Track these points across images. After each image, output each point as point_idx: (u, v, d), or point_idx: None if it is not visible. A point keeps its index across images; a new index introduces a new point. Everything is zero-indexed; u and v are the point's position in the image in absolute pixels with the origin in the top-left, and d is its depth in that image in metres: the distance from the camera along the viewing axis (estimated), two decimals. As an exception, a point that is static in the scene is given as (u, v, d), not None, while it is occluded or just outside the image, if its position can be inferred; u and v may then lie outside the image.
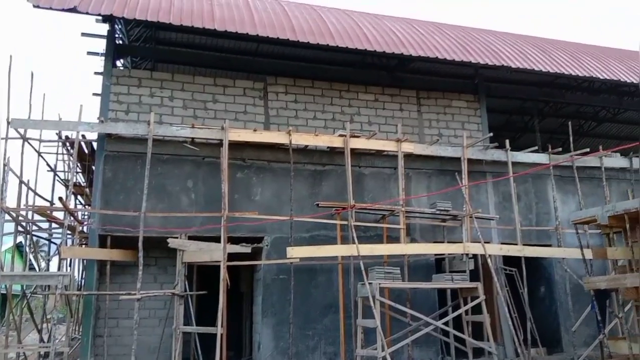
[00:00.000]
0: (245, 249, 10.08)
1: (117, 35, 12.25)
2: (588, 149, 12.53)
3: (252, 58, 12.90)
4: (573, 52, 14.51)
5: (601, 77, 13.57)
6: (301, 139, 10.84)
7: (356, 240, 9.88)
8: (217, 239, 9.75)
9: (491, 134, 12.46)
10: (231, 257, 9.84)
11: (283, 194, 10.71)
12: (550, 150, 12.54)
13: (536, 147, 12.96)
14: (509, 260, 11.78)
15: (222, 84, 11.65)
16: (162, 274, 10.94)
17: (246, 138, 10.51)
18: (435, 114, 13.05)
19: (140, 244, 9.28)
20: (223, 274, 9.40)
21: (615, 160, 13.23)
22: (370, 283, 9.25)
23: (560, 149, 12.56)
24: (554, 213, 12.17)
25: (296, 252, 9.82)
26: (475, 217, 11.08)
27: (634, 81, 13.98)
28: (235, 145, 10.44)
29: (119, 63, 13.06)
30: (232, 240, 10.07)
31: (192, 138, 10.42)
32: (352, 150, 11.00)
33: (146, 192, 9.55)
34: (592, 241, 11.43)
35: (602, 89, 16.86)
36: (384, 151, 11.51)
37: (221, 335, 9.17)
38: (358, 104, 12.43)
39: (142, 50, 13.12)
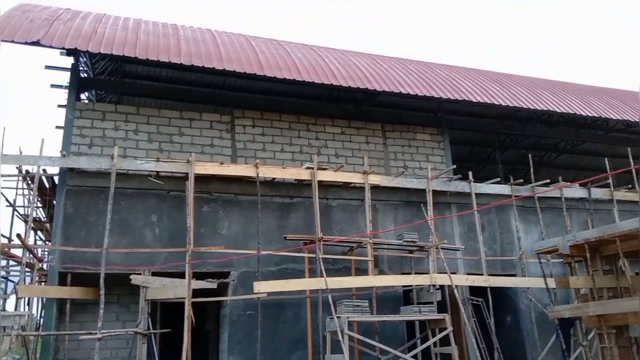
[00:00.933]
0: (211, 284, 9.89)
1: (81, 68, 12.14)
2: (548, 180, 12.92)
3: (219, 91, 12.97)
4: (531, 86, 15.07)
5: (558, 111, 14.11)
6: (269, 172, 10.84)
7: (324, 274, 9.83)
8: (182, 275, 9.56)
9: (454, 166, 12.73)
10: (196, 293, 9.63)
11: (250, 227, 10.63)
12: (512, 181, 12.86)
13: (498, 179, 13.27)
14: (475, 291, 11.90)
15: (189, 117, 11.61)
16: (124, 312, 10.60)
17: (213, 171, 10.45)
18: (401, 146, 13.28)
19: (101, 282, 9.01)
20: (188, 311, 9.18)
21: (574, 191, 13.65)
22: (338, 317, 9.18)
23: (521, 180, 12.90)
24: (518, 243, 12.42)
25: (263, 287, 9.68)
26: (442, 248, 11.20)
27: (589, 114, 14.59)
28: (201, 179, 10.36)
29: (83, 96, 12.92)
30: (198, 275, 9.89)
31: (157, 172, 10.29)
32: (320, 182, 11.05)
33: (108, 228, 9.33)
34: (555, 270, 11.66)
35: (560, 122, 17.51)
36: (351, 183, 11.61)
37: (186, 374, 8.88)
38: (325, 136, 12.55)
39: (106, 84, 13.02)
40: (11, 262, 12.17)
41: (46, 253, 12.45)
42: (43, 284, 10.79)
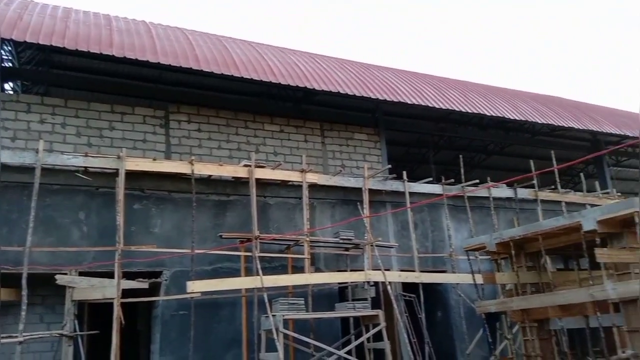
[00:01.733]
0: (142, 284, 9.60)
1: (5, 57, 11.47)
2: (478, 180, 13.45)
3: (154, 85, 12.62)
4: (463, 90, 15.66)
5: (488, 114, 14.75)
6: (205, 169, 10.64)
7: (260, 272, 9.77)
8: (111, 275, 9.22)
9: (390, 166, 13.04)
10: (127, 293, 9.32)
11: (184, 225, 10.39)
12: (443, 181, 13.29)
13: (431, 178, 13.69)
14: (408, 287, 12.21)
15: (120, 110, 11.22)
16: (49, 313, 10.07)
17: (145, 167, 10.12)
18: (339, 145, 13.44)
19: (23, 282, 8.52)
20: (117, 311, 8.87)
21: (502, 191, 14.30)
22: (274, 315, 9.16)
23: (452, 180, 13.37)
24: (448, 240, 12.87)
25: (197, 287, 9.51)
26: (376, 246, 11.42)
27: (517, 118, 15.34)
28: (133, 175, 10.01)
29: (7, 86, 12.22)
30: (128, 275, 9.57)
31: (86, 167, 9.86)
32: (258, 180, 10.96)
33: (32, 226, 8.84)
34: (483, 267, 12.15)
35: (490, 125, 18.31)
36: (289, 181, 11.60)
37: (114, 377, 8.58)
38: (263, 134, 12.49)
39: (33, 74, 12.36)
40: None
41: (-38, 253, 11.66)
42: (-42, 285, 10.07)
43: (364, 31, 69.14)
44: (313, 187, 11.69)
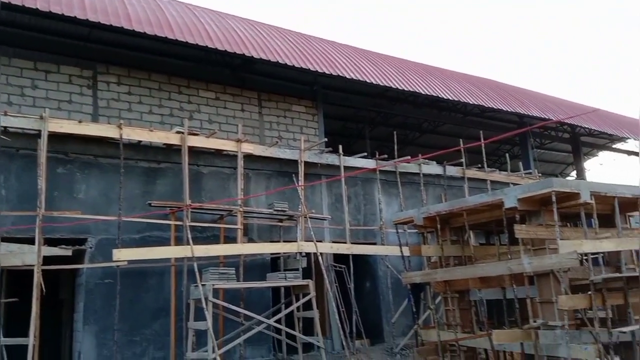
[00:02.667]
0: (65, 251, 9.22)
1: None
2: (409, 157, 13.80)
3: (82, 43, 11.89)
4: (400, 67, 15.88)
5: (423, 93, 15.09)
6: (134, 134, 10.24)
7: (191, 241, 9.63)
8: (32, 241, 8.78)
9: (326, 139, 13.11)
10: (49, 260, 8.93)
11: (112, 192, 10.01)
12: (377, 156, 13.54)
13: (365, 153, 13.91)
14: (339, 258, 12.47)
15: (44, 68, 10.56)
16: (-39, 281, 9.51)
17: (70, 130, 9.61)
18: (276, 116, 13.33)
19: None
20: (37, 279, 8.49)
21: (431, 168, 14.78)
22: (203, 284, 9.09)
23: (386, 156, 13.64)
24: (379, 214, 13.20)
25: (124, 255, 9.25)
26: (310, 217, 11.53)
27: (450, 97, 15.80)
28: (57, 137, 9.50)
29: None
30: (51, 242, 9.16)
31: (5, 127, 9.19)
32: (191, 148, 10.71)
33: (-59, 187, 8.23)
34: (411, 240, 12.56)
35: (424, 103, 18.77)
36: (224, 151, 11.41)
37: (33, 346, 8.26)
38: (198, 100, 12.17)
39: (-57, 22, 11.30)
40: None
41: None
42: None
43: (363, 29, 68.33)
44: (248, 157, 11.57)
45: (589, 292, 7.81)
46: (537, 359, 8.07)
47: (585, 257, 8.13)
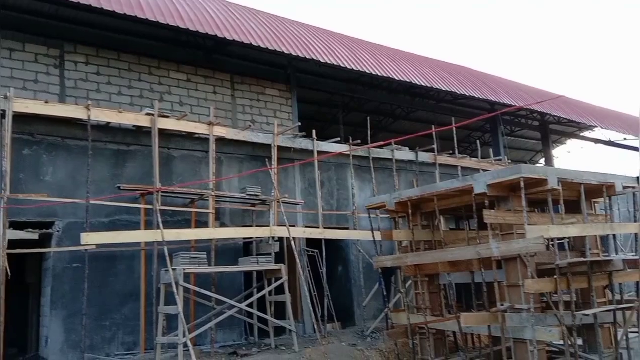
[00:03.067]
0: (32, 235, 9.00)
1: None
2: (382, 143, 13.84)
3: (49, 21, 11.48)
4: (374, 53, 15.86)
5: (397, 79, 15.12)
6: (103, 115, 9.98)
7: (161, 226, 9.50)
8: (-5, 224, 8.53)
9: (300, 124, 13.04)
10: (14, 244, 8.71)
11: (80, 175, 9.78)
12: (350, 142, 13.55)
13: (339, 139, 13.91)
14: (312, 242, 12.50)
15: (9, 46, 10.19)
16: None
17: (36, 110, 9.32)
18: (249, 100, 13.19)
19: None
20: (2, 263, 8.28)
21: (404, 154, 14.88)
22: (174, 269, 9.00)
23: (359, 141, 13.66)
24: (352, 199, 13.26)
25: (92, 239, 9.07)
26: (283, 202, 11.50)
27: (423, 84, 15.87)
28: (22, 118, 9.20)
29: None
30: (16, 225, 8.93)
31: (-34, 106, 8.92)
32: (161, 130, 10.50)
33: None
34: (383, 225, 12.65)
35: (398, 89, 18.81)
36: (196, 134, 11.24)
37: (-2, 332, 8.07)
38: (169, 82, 11.94)
39: None
40: None
41: None
42: None
43: (363, 28, 67.48)
44: (221, 141, 11.44)
45: (555, 276, 8.03)
46: (503, 342, 8.29)
47: (551, 242, 8.33)
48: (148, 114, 10.39)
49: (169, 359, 9.19)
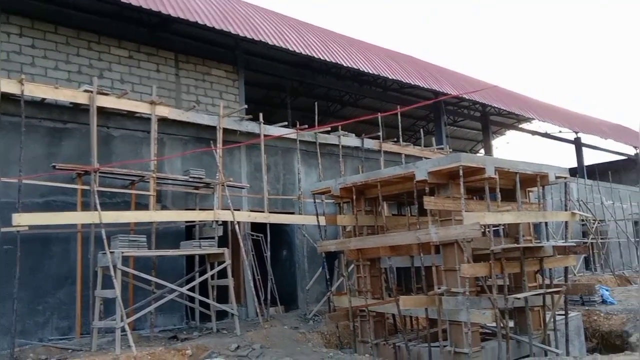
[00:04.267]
0: (-44, 214, 8.48)
1: None
2: (329, 128, 13.92)
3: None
4: (323, 37, 15.83)
5: (346, 65, 15.17)
6: (38, 91, 9.46)
7: (99, 207, 9.17)
8: None
9: (246, 106, 12.86)
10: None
11: (11, 152, 9.27)
12: (298, 126, 13.52)
13: (286, 123, 13.84)
14: (257, 227, 12.45)
15: None
16: None
17: (-37, 83, 8.75)
18: (194, 80, 12.87)
19: None
20: None
21: (350, 140, 15.01)
22: (112, 252, 8.74)
23: (306, 126, 13.67)
24: (298, 184, 13.27)
25: (24, 220, 8.64)
26: (227, 186, 11.36)
27: (371, 71, 16.02)
28: (-54, 90, 8.62)
29: None
30: (-61, 204, 8.39)
31: None
32: (100, 108, 10.10)
33: None
34: (328, 210, 12.79)
35: (347, 76, 18.92)
36: (137, 113, 10.85)
37: None
38: (110, 58, 11.47)
39: None
40: None
41: None
42: None
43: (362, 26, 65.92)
44: (164, 121, 11.13)
45: (489, 261, 8.38)
46: (439, 324, 8.59)
47: (487, 229, 8.67)
48: (86, 91, 9.95)
49: (106, 344, 8.96)
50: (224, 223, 11.26)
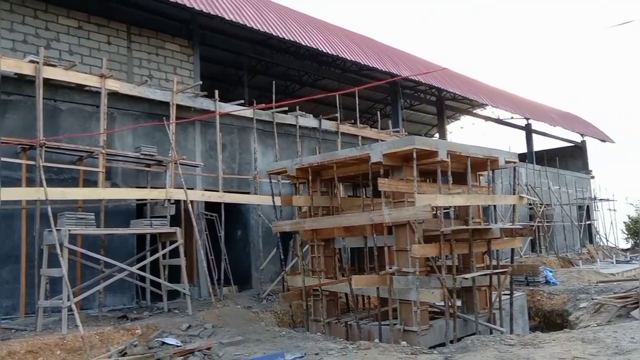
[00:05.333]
0: None
1: None
2: (287, 108, 13.81)
3: None
4: (282, 15, 15.59)
5: (305, 44, 15.02)
6: (-22, 60, 8.96)
7: (44, 183, 8.81)
8: None
9: (201, 82, 12.58)
10: None
11: (-52, 123, 8.78)
12: (254, 105, 13.35)
13: (243, 101, 13.63)
14: (211, 206, 12.29)
15: None
16: None
17: None
18: (147, 53, 12.47)
19: None
20: None
21: (308, 121, 14.95)
22: (58, 230, 8.44)
23: (263, 105, 13.51)
24: (254, 163, 13.15)
25: (-37, 194, 8.23)
26: (181, 164, 11.12)
27: (330, 52, 15.93)
28: None
29: None
30: None
31: None
32: (47, 80, 9.62)
33: None
34: (284, 190, 12.74)
35: (306, 55, 18.75)
36: (86, 86, 10.42)
37: None
38: (57, 28, 10.93)
39: None
40: None
41: None
42: None
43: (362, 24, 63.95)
44: (114, 95, 10.74)
45: (439, 242, 8.59)
46: (390, 303, 8.78)
47: (438, 210, 8.85)
48: (32, 61, 9.46)
49: (52, 324, 8.70)
50: (177, 202, 11.05)
